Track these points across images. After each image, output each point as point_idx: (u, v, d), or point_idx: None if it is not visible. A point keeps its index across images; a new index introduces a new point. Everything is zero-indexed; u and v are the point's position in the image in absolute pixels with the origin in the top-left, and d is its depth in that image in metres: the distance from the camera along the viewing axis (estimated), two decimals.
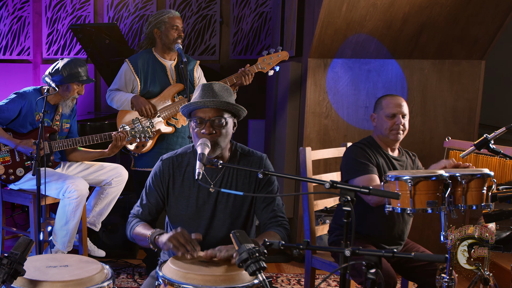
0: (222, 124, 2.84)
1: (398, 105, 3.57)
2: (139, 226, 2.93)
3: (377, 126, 3.64)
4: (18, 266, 2.24)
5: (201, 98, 2.85)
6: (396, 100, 3.60)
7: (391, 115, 3.55)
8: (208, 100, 2.82)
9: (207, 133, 2.81)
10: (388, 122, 3.56)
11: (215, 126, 2.83)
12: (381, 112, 3.60)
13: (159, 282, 2.53)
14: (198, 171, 2.55)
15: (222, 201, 2.99)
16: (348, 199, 2.13)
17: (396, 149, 3.70)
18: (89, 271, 2.50)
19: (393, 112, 3.55)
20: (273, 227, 2.96)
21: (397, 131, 3.56)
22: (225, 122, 2.85)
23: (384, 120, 3.57)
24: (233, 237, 2.39)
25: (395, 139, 3.58)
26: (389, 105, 3.58)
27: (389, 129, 3.56)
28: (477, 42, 4.96)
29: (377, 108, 3.65)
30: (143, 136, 4.31)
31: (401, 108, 3.57)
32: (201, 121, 2.84)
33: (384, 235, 3.58)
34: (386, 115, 3.56)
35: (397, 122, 3.55)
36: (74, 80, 4.29)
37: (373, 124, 3.69)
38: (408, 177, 2.95)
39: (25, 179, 4.28)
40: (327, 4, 4.61)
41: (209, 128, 2.82)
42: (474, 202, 3.03)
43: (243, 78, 4.52)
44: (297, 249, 2.19)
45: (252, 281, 2.45)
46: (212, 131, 2.82)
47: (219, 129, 2.84)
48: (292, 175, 2.97)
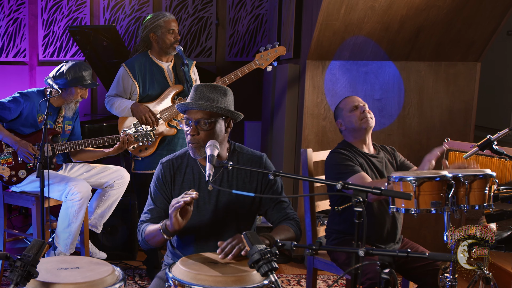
0: (207, 126, 2.88)
1: (355, 99, 3.70)
2: (148, 227, 2.94)
3: (346, 127, 3.70)
4: (32, 268, 2.25)
5: (191, 100, 2.92)
6: (351, 97, 3.75)
7: (354, 108, 3.65)
8: (194, 102, 2.88)
9: (190, 134, 2.89)
10: (354, 115, 3.64)
11: (200, 128, 2.88)
12: (343, 113, 3.68)
13: (169, 284, 2.54)
14: (208, 172, 2.58)
15: (222, 200, 3.02)
16: (360, 200, 2.16)
17: (371, 146, 3.75)
18: (100, 273, 2.51)
19: (354, 104, 3.66)
20: (285, 221, 3.01)
21: (367, 118, 3.63)
22: (211, 123, 2.88)
23: (349, 115, 3.65)
24: (244, 238, 2.41)
25: (368, 126, 3.64)
26: (347, 102, 3.70)
27: (359, 119, 3.63)
28: (473, 44, 5.01)
29: (338, 113, 3.75)
30: (145, 140, 4.33)
31: (358, 101, 3.69)
32: (187, 122, 2.91)
33: (376, 234, 3.60)
34: (349, 110, 3.65)
35: (361, 110, 3.63)
36: (78, 84, 4.29)
37: (342, 129, 3.75)
38: (412, 178, 2.98)
39: (28, 181, 4.28)
40: (326, 6, 4.64)
41: (194, 129, 2.88)
42: (476, 202, 3.06)
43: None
44: (310, 249, 2.22)
45: (262, 282, 2.48)
46: (194, 133, 2.88)
47: (203, 130, 2.88)
48: (302, 176, 3.00)
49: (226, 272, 2.52)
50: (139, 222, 3.08)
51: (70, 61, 4.37)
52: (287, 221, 3.02)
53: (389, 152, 3.79)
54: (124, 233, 5.16)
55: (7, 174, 3.79)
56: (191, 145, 2.90)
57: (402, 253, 2.01)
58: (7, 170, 3.76)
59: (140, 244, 3.03)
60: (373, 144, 3.77)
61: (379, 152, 3.75)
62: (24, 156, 4.20)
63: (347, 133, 3.71)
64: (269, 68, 4.63)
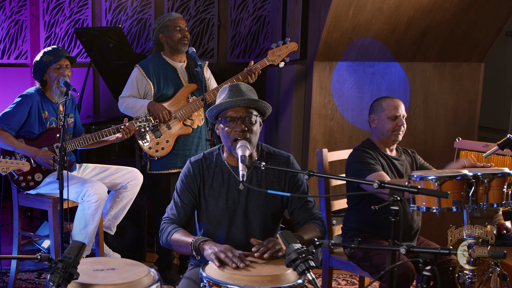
0: (253, 122, 2.93)
1: (399, 107, 3.67)
2: (178, 232, 2.95)
3: (377, 127, 3.72)
4: (73, 270, 2.27)
5: (229, 98, 2.92)
6: (396, 102, 3.69)
7: (394, 117, 3.64)
8: (239, 99, 2.89)
9: (239, 130, 2.89)
10: (390, 124, 3.64)
11: (246, 124, 2.91)
12: (382, 114, 3.67)
13: (204, 284, 2.57)
14: (242, 173, 2.61)
15: (252, 200, 3.05)
16: (398, 199, 2.21)
17: (394, 149, 3.80)
18: (137, 273, 2.54)
19: (396, 114, 3.64)
20: (311, 221, 3.06)
21: (398, 132, 3.66)
22: (255, 120, 2.94)
23: (386, 121, 3.65)
24: (280, 237, 2.45)
25: (396, 140, 3.68)
26: (391, 107, 3.66)
27: (392, 130, 3.65)
28: (477, 45, 5.08)
29: (377, 110, 3.72)
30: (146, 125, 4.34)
31: (401, 109, 3.68)
32: (232, 119, 2.92)
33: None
34: (389, 117, 3.64)
35: (399, 123, 3.64)
36: (46, 65, 4.31)
37: (372, 126, 3.76)
38: (434, 177, 3.03)
39: (44, 184, 4.27)
40: (335, 8, 4.68)
41: (240, 125, 2.89)
42: (495, 200, 3.12)
43: (249, 77, 4.57)
44: (349, 248, 2.26)
45: (296, 281, 2.52)
46: (244, 128, 2.89)
47: (250, 126, 2.92)
48: (338, 175, 3.04)
49: (262, 271, 2.55)
50: (164, 218, 3.10)
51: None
52: (313, 220, 3.07)
53: (410, 154, 3.84)
54: (133, 234, 5.16)
55: (27, 169, 3.78)
56: (241, 141, 2.86)
57: (444, 250, 2.05)
58: (27, 164, 3.76)
59: (161, 242, 3.06)
60: (397, 147, 3.82)
61: (401, 154, 3.79)
62: (45, 164, 4.20)
63: (376, 132, 3.73)
64: (282, 64, 4.66)
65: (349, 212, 3.83)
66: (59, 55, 4.30)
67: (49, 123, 4.36)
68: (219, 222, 3.05)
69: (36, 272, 4.88)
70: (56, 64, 4.29)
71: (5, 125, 4.23)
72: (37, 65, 4.33)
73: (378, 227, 3.65)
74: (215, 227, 3.05)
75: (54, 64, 4.29)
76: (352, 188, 3.72)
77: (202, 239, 2.83)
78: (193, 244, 2.82)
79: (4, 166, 3.67)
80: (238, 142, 2.85)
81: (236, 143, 2.87)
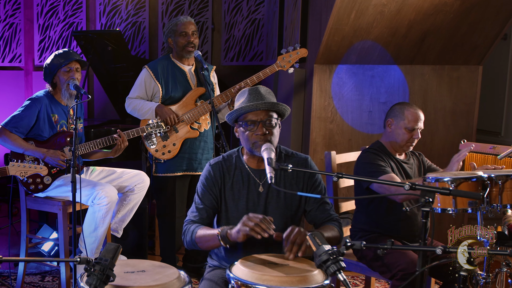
0: (273, 125, 2.96)
1: (419, 120, 3.70)
2: (201, 229, 2.97)
3: (392, 133, 3.75)
4: (110, 272, 2.28)
5: (249, 102, 2.95)
6: (419, 114, 3.71)
7: (412, 129, 3.68)
8: (259, 102, 2.93)
9: (261, 133, 2.93)
10: (407, 135, 3.68)
11: (267, 127, 2.94)
12: (401, 123, 3.69)
13: (232, 285, 2.58)
14: (269, 175, 2.64)
15: (272, 201, 3.08)
16: (430, 200, 2.25)
17: (403, 153, 3.85)
18: (168, 275, 2.54)
19: (415, 126, 3.68)
20: (329, 221, 3.09)
21: (412, 144, 3.72)
22: (275, 123, 2.98)
23: (403, 131, 3.68)
24: (310, 238, 2.48)
25: (407, 150, 3.76)
26: (412, 118, 3.68)
27: (406, 141, 3.70)
28: (476, 48, 5.15)
29: (397, 116, 3.73)
30: (158, 131, 4.36)
31: (421, 122, 3.71)
32: (252, 123, 2.95)
33: (404, 232, 3.71)
34: (407, 127, 3.67)
35: (415, 136, 3.70)
36: (56, 68, 4.31)
37: (387, 130, 3.78)
38: (450, 179, 3.07)
39: (53, 187, 4.26)
40: (337, 12, 4.71)
41: (261, 129, 2.93)
42: (509, 201, 3.16)
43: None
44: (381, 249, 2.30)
45: (323, 282, 2.55)
46: (265, 132, 2.93)
47: (271, 129, 2.95)
48: (365, 177, 3.08)
49: (290, 272, 2.57)
50: (186, 221, 3.09)
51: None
52: (331, 221, 3.10)
53: (418, 157, 3.89)
54: (135, 237, 5.16)
55: (45, 173, 3.77)
56: (266, 144, 2.89)
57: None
58: (45, 169, 3.75)
59: (186, 244, 3.05)
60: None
61: (409, 158, 3.85)
62: (56, 164, 4.19)
63: (389, 135, 3.77)
64: (291, 70, 4.68)
65: (358, 214, 3.88)
66: (70, 58, 4.29)
67: (59, 126, 4.34)
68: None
69: (39, 275, 4.86)
70: (66, 67, 4.29)
71: (13, 128, 4.21)
72: (47, 67, 4.33)
73: (388, 228, 3.70)
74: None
75: (64, 67, 4.29)
76: (360, 189, 3.76)
77: (228, 228, 2.85)
78: (220, 234, 2.85)
79: (22, 170, 3.65)
80: (263, 145, 2.88)
81: (263, 144, 2.89)
